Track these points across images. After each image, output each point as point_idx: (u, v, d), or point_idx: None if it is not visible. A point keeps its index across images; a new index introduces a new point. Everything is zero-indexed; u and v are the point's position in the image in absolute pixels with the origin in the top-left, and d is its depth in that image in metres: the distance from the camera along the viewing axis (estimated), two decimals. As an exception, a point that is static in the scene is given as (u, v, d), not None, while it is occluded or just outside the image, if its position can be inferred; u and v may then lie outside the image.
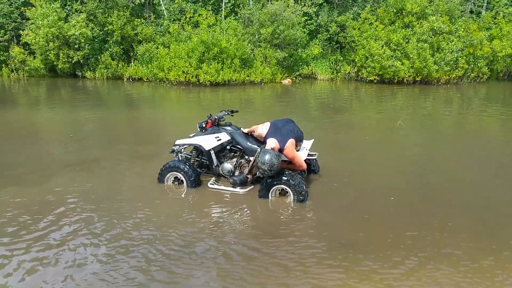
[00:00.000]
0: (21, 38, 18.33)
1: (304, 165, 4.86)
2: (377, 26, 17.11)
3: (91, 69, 18.35)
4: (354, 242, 3.88)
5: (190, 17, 18.10)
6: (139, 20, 18.70)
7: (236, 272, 3.42)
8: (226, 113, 5.47)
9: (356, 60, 17.49)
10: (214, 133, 5.14)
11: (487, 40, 16.80)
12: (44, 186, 5.38)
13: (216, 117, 5.24)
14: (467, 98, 14.13)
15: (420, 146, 7.58)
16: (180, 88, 15.66)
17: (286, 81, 17.51)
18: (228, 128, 5.24)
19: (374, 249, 3.75)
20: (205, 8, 18.70)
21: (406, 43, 16.41)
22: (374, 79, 16.93)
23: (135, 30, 18.22)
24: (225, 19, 18.78)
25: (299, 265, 3.53)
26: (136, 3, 18.63)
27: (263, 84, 16.75)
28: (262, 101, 13.49)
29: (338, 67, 18.69)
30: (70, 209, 4.63)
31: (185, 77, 15.99)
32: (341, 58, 18.85)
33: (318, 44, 18.88)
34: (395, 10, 17.55)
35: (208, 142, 5.05)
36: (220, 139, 5.11)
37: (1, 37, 18.74)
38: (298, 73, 18.55)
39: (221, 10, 19.74)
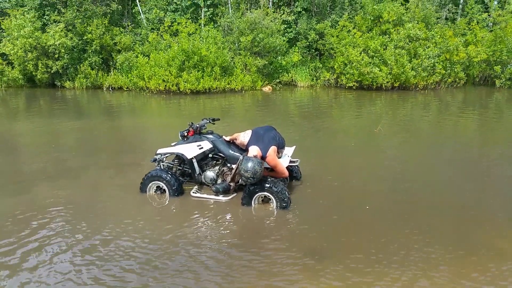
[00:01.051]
0: (-3, 49, 18.00)
1: (286, 172, 4.88)
2: (355, 34, 17.42)
3: (70, 78, 18.14)
4: (330, 249, 3.92)
5: (169, 25, 18.09)
6: (118, 29, 18.62)
7: (213, 279, 3.43)
8: (208, 121, 5.48)
9: (335, 67, 17.73)
10: (196, 141, 5.14)
11: (462, 46, 17.27)
12: (22, 197, 5.30)
13: (197, 125, 5.24)
14: (445, 103, 14.46)
15: (398, 151, 7.74)
16: (160, 97, 15.59)
17: (267, 89, 17.62)
18: (210, 136, 5.25)
19: (346, 256, 3.78)
20: (184, 17, 18.71)
21: (384, 49, 16.73)
22: (353, 85, 17.16)
23: (114, 40, 18.11)
24: (204, 27, 18.83)
25: (271, 270, 3.56)
26: (114, 9, 18.55)
27: (243, 91, 16.81)
28: (243, 109, 13.54)
29: (317, 74, 18.91)
30: (47, 219, 4.58)
31: (165, 85, 15.93)
32: (321, 65, 19.08)
33: (298, 52, 19.08)
34: (372, 18, 17.89)
35: (190, 150, 5.05)
36: (202, 147, 5.11)
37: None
38: (278, 80, 18.69)
39: (200, 18, 19.80)
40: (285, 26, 19.08)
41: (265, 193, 4.70)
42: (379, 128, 9.31)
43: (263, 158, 4.73)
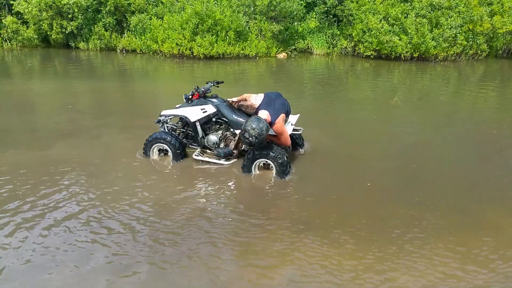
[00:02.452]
0: (13, 7, 17.87)
1: (289, 141, 4.86)
2: (375, 0, 16.76)
3: (85, 40, 18.03)
4: (319, 224, 3.90)
5: (184, -14, 17.62)
6: (132, -11, 18.25)
7: (196, 245, 3.51)
8: (212, 84, 5.46)
9: (354, 34, 17.21)
10: (200, 105, 5.15)
11: (487, 16, 16.51)
12: (37, 153, 5.51)
13: (203, 89, 5.24)
14: (465, 75, 14.02)
15: (412, 125, 7.47)
16: (173, 61, 15.45)
17: (281, 55, 17.29)
18: (214, 100, 5.22)
19: (332, 231, 3.76)
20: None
21: (405, 18, 16.12)
22: (371, 54, 16.72)
23: (128, 0, 17.80)
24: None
25: (255, 241, 3.59)
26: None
27: (257, 58, 16.53)
28: (256, 76, 13.36)
29: (334, 41, 18.40)
30: (58, 174, 4.81)
31: (179, 49, 15.74)
32: (338, 33, 18.52)
33: (315, 17, 18.51)
34: (395, -17, 17.13)
35: (194, 113, 5.07)
36: (206, 111, 5.11)
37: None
38: (293, 47, 18.27)
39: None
40: (303, -11, 18.43)
41: (266, 159, 4.70)
42: (396, 100, 9.12)
43: (271, 124, 4.68)
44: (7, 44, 18.76)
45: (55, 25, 17.14)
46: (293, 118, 5.18)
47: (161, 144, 5.16)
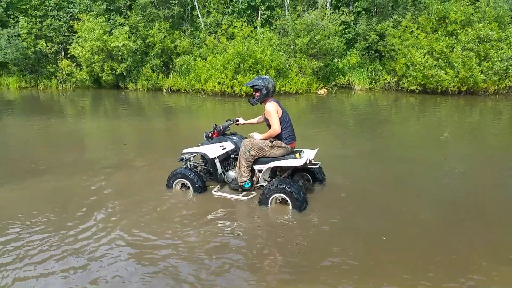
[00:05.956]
0: (68, 51, 19.33)
1: (278, 131, 4.74)
2: (418, 34, 16.50)
3: (133, 80, 19.01)
4: (334, 263, 3.62)
5: (226, 29, 18.34)
6: (178, 32, 19.25)
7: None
8: (231, 122, 5.60)
9: (397, 69, 16.94)
10: (219, 142, 5.30)
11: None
12: (83, 183, 5.88)
13: (221, 127, 5.41)
14: (518, 109, 13.23)
15: (460, 163, 6.81)
16: (215, 99, 15.83)
17: (322, 91, 17.24)
18: (233, 137, 5.38)
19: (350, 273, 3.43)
20: (240, 20, 18.88)
21: (450, 51, 15.69)
22: (416, 89, 16.31)
23: (174, 43, 18.72)
24: (260, 29, 18.87)
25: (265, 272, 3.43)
26: (176, 11, 19.23)
27: (298, 94, 16.59)
28: (296, 112, 13.30)
29: (377, 76, 18.18)
30: (97, 201, 5.13)
31: (221, 88, 16.15)
32: (380, 68, 18.32)
33: (356, 53, 18.49)
34: (437, 18, 16.86)
35: (213, 150, 5.23)
36: (224, 148, 5.25)
37: (50, 49, 19.88)
38: (334, 83, 18.22)
39: (256, 21, 19.85)
40: (344, 27, 18.57)
41: (282, 194, 4.67)
42: (446, 135, 8.65)
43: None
44: (62, 85, 20.17)
45: (106, 67, 18.25)
46: (311, 153, 5.03)
47: (183, 180, 5.35)
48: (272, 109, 4.72)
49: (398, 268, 3.52)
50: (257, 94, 4.88)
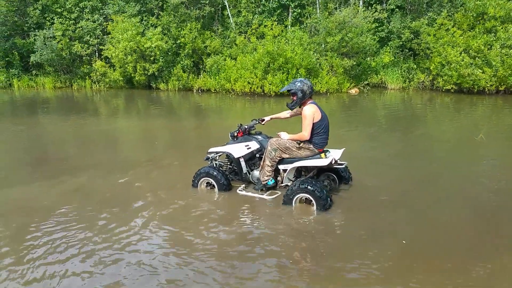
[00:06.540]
0: (102, 52, 19.88)
1: (306, 137, 4.67)
2: (454, 32, 15.92)
3: (164, 81, 19.31)
4: (334, 264, 3.57)
5: (256, 28, 18.35)
6: (209, 33, 19.42)
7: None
8: (257, 122, 5.60)
9: (431, 68, 16.41)
10: (244, 141, 5.33)
11: None
12: (114, 180, 6.09)
13: (246, 126, 5.44)
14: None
15: (497, 168, 6.48)
16: (245, 99, 15.86)
17: (353, 91, 16.95)
18: (259, 137, 5.41)
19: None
20: (271, 19, 18.83)
21: (488, 49, 15.05)
22: (451, 88, 15.75)
23: (204, 43, 18.91)
24: (290, 28, 18.76)
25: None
26: (207, 11, 19.43)
27: (328, 94, 16.38)
28: (327, 111, 13.09)
29: (411, 75, 17.69)
30: (127, 198, 5.28)
31: (250, 87, 16.17)
32: (414, 66, 17.80)
33: (389, 52, 18.05)
34: (475, 15, 16.20)
35: (238, 150, 5.26)
36: (249, 147, 5.29)
37: (85, 51, 20.54)
38: (366, 82, 17.86)
39: (286, 20, 19.73)
40: (376, 25, 18.18)
41: (305, 194, 4.65)
42: (481, 136, 8.30)
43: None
44: (96, 86, 20.78)
45: (139, 68, 18.63)
46: (337, 152, 4.93)
47: (208, 179, 5.41)
48: (308, 113, 4.67)
49: (423, 275, 3.38)
50: (294, 98, 4.84)
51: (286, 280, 3.37)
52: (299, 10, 19.92)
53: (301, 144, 4.74)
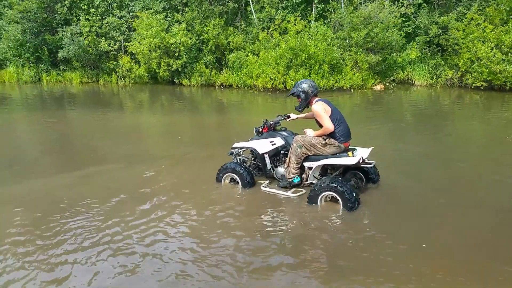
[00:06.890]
0: (127, 48, 20.18)
1: (331, 129, 4.56)
2: (485, 27, 15.34)
3: (187, 76, 19.44)
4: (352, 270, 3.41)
5: (279, 24, 18.21)
6: (232, 29, 19.40)
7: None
8: (282, 118, 5.48)
9: (460, 64, 15.88)
10: (269, 137, 5.26)
11: None
12: (138, 174, 6.12)
13: (271, 122, 5.34)
14: None
15: None
16: (267, 95, 15.78)
17: (378, 87, 16.59)
18: (284, 133, 5.29)
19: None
20: (294, 14, 18.64)
21: (522, 44, 14.44)
22: (481, 85, 15.19)
23: (227, 39, 18.91)
24: (313, 24, 18.52)
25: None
26: (230, 7, 19.43)
27: (352, 90, 16.09)
28: (350, 108, 12.91)
29: (438, 72, 17.18)
30: (151, 192, 5.32)
31: (272, 83, 16.06)
32: (442, 63, 17.27)
33: (416, 47, 17.58)
34: (508, 8, 15.55)
35: (263, 146, 5.20)
36: (274, 144, 5.20)
37: (111, 47, 20.90)
38: (392, 78, 17.47)
39: (310, 15, 19.50)
40: (403, 19, 17.73)
41: (333, 193, 4.49)
42: (512, 136, 7.96)
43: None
44: (121, 81, 21.13)
45: (163, 64, 18.82)
46: (365, 151, 4.78)
47: (232, 174, 5.35)
48: (319, 109, 4.61)
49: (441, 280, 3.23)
50: (299, 100, 4.85)
51: (302, 279, 3.29)
52: (323, 5, 19.63)
53: (327, 140, 4.63)
